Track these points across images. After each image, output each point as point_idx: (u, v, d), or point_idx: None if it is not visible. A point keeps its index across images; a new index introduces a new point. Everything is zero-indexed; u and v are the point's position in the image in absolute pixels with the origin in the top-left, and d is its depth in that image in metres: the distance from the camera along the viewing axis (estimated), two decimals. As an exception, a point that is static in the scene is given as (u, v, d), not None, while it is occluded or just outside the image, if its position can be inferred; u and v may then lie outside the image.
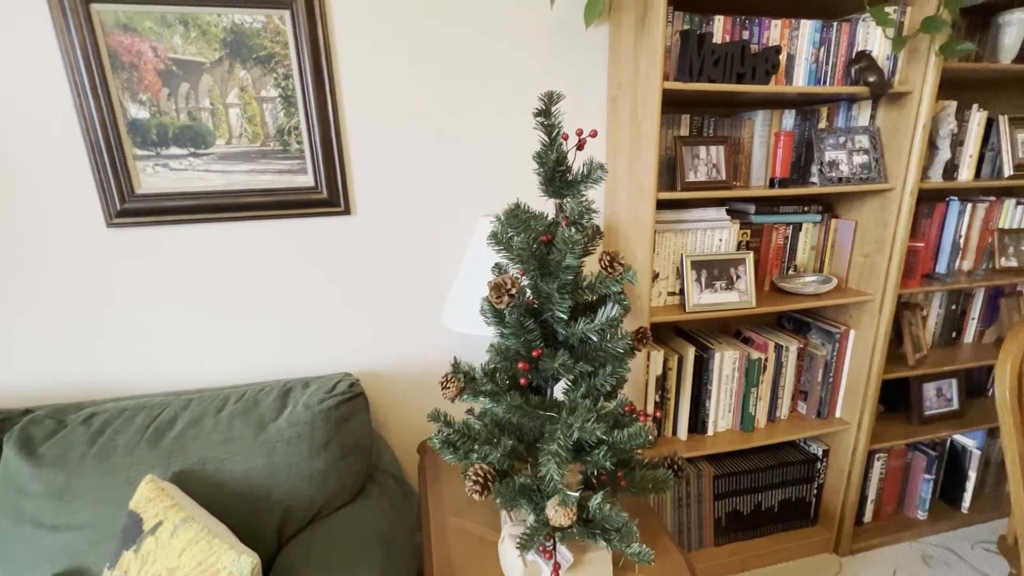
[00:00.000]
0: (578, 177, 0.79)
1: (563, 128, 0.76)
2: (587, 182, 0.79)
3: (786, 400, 1.68)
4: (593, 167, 0.77)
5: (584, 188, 0.79)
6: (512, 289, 0.74)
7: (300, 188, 1.35)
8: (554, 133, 0.78)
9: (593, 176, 0.78)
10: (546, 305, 0.80)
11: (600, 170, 0.77)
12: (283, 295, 1.42)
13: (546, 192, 0.81)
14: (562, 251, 0.77)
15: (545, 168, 0.78)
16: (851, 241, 1.58)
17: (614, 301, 0.80)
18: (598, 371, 0.86)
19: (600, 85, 1.47)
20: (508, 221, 0.79)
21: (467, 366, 0.87)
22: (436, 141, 1.41)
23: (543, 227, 0.80)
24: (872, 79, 1.30)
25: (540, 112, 0.76)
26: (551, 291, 0.77)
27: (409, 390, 1.58)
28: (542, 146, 0.78)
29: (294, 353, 1.46)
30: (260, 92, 1.28)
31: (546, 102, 0.76)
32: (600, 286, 0.81)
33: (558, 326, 0.83)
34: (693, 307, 1.40)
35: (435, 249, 1.48)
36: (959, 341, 1.88)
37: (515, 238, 0.79)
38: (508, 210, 0.79)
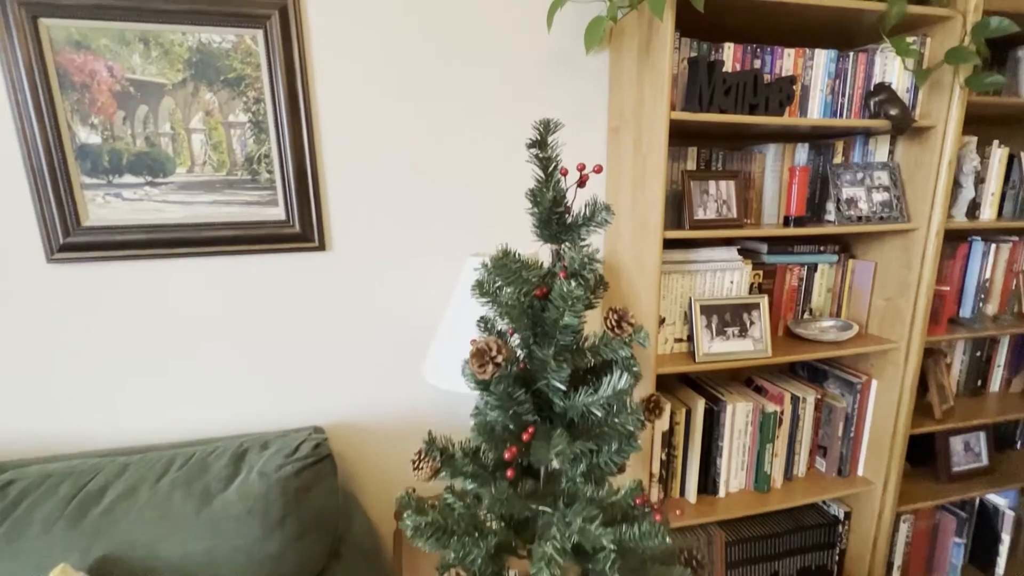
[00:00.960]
0: (579, 219, 0.67)
1: (561, 162, 0.63)
2: (589, 225, 0.66)
3: (803, 456, 1.53)
4: (597, 208, 0.65)
5: (586, 232, 0.67)
6: (498, 357, 0.60)
7: (270, 221, 1.23)
8: (551, 168, 0.65)
9: (597, 219, 0.65)
10: (540, 372, 0.66)
11: (605, 212, 0.64)
12: (248, 339, 1.27)
13: (541, 236, 0.68)
14: (560, 308, 0.63)
15: (540, 208, 0.66)
16: (871, 284, 1.46)
17: (622, 368, 0.66)
18: (602, 448, 0.72)
19: (600, 115, 1.37)
20: (496, 270, 0.66)
21: (444, 441, 0.72)
22: (422, 174, 1.29)
23: (537, 278, 0.67)
24: (894, 112, 1.20)
25: (535, 143, 0.64)
26: (546, 358, 0.63)
27: (388, 444, 1.42)
28: (537, 183, 0.66)
29: (259, 404, 1.31)
30: (228, 117, 1.16)
31: (541, 131, 0.64)
32: (605, 349, 0.67)
33: (554, 396, 0.69)
34: (704, 357, 1.26)
35: (419, 290, 1.35)
36: (985, 390, 1.75)
37: (504, 289, 0.66)
38: (496, 257, 0.66)
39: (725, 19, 1.20)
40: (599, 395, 0.65)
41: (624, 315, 0.65)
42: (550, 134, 0.64)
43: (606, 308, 0.67)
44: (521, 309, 0.63)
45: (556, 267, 0.66)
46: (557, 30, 1.30)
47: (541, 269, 0.67)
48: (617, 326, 0.65)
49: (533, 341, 0.68)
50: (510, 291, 0.62)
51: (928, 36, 1.26)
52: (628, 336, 0.66)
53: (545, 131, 0.64)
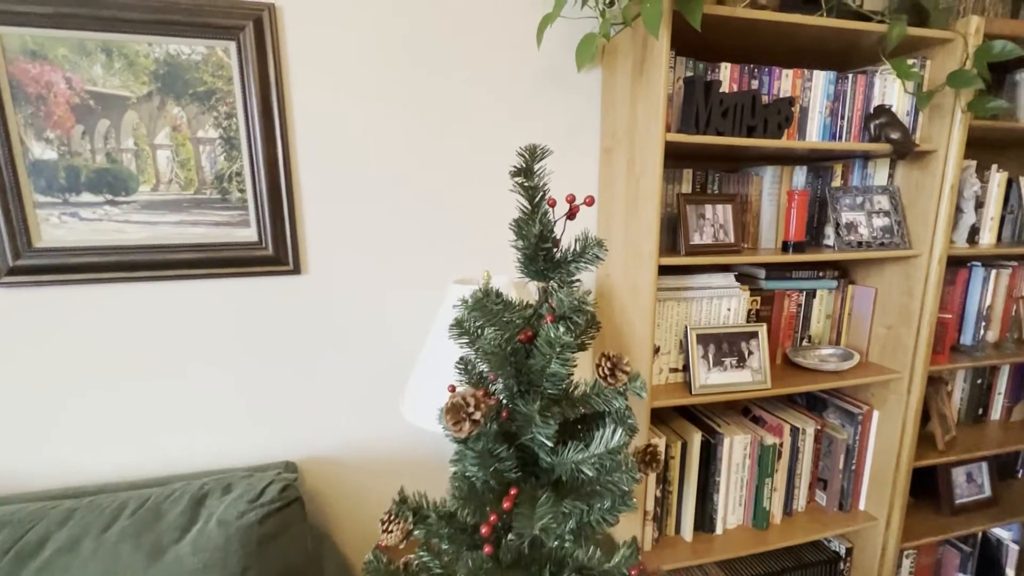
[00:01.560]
0: (568, 256, 0.60)
1: (549, 191, 0.57)
2: (579, 262, 0.60)
3: (803, 490, 1.46)
4: (588, 244, 0.58)
5: (576, 269, 0.60)
6: (476, 413, 0.53)
7: (241, 243, 1.15)
8: (537, 198, 0.59)
9: (588, 255, 0.59)
10: (525, 427, 0.59)
11: (597, 248, 0.58)
12: (217, 369, 1.18)
13: (526, 273, 0.61)
14: (546, 356, 0.56)
15: (525, 243, 0.59)
16: (871, 310, 1.41)
17: (616, 422, 0.59)
18: (593, 507, 0.65)
19: (592, 134, 1.32)
20: (475, 311, 0.59)
21: (417, 499, 0.65)
22: (405, 195, 1.23)
23: (522, 319, 0.60)
24: (895, 136, 1.16)
25: (520, 171, 0.58)
26: (531, 413, 0.56)
27: (367, 480, 1.33)
28: (522, 214, 0.59)
29: (228, 439, 1.22)
30: (196, 132, 1.09)
31: (527, 158, 0.57)
32: (597, 399, 0.60)
33: (541, 451, 0.61)
34: (700, 389, 1.20)
35: (400, 318, 1.27)
36: (986, 418, 1.70)
37: (484, 331, 0.59)
38: (475, 296, 0.59)
39: (720, 39, 1.15)
40: (590, 452, 0.58)
41: (618, 362, 0.59)
42: (537, 161, 0.57)
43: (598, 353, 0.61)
44: (503, 356, 0.56)
45: (543, 309, 0.59)
46: (548, 47, 1.25)
47: (526, 310, 0.60)
48: (611, 375, 0.58)
49: (517, 390, 0.60)
50: (491, 333, 0.55)
51: (928, 59, 1.23)
52: (623, 386, 0.59)
53: (531, 158, 0.57)
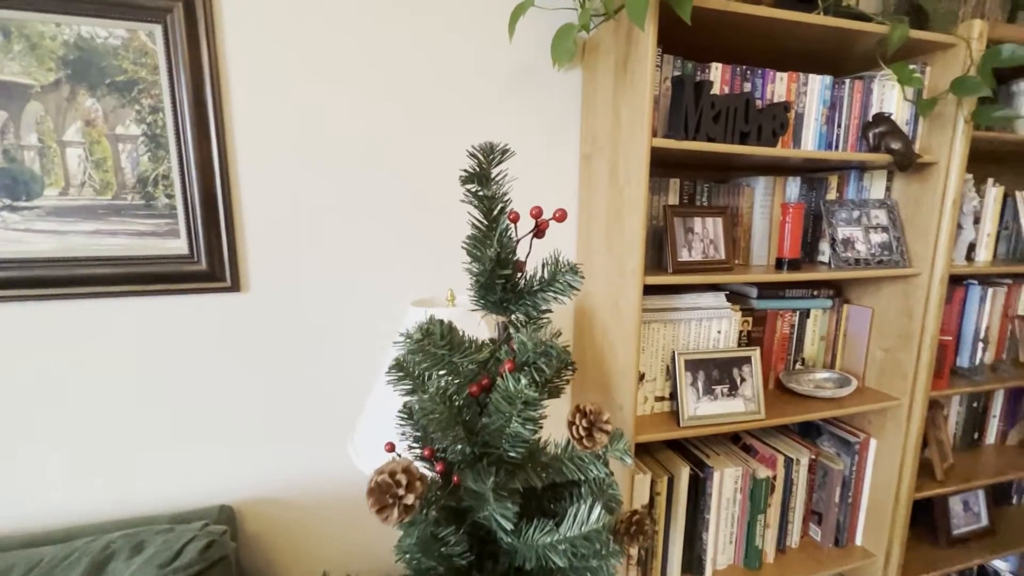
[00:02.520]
0: (534, 284, 0.48)
1: (511, 202, 0.44)
2: (549, 292, 0.47)
3: (797, 524, 1.36)
4: (560, 269, 0.46)
5: (544, 301, 0.48)
6: (408, 496, 0.40)
7: (169, 256, 1.00)
8: (495, 211, 0.46)
9: (559, 284, 0.46)
10: (479, 505, 0.46)
11: (571, 275, 0.46)
12: (140, 400, 1.02)
13: (482, 305, 0.49)
14: (505, 414, 0.44)
15: (480, 267, 0.46)
16: (867, 332, 1.32)
17: (594, 494, 0.46)
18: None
19: (570, 140, 1.21)
20: (415, 351, 0.46)
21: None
22: (361, 204, 1.09)
23: (475, 364, 0.47)
24: (896, 147, 1.08)
25: (472, 176, 0.45)
26: (483, 491, 0.43)
27: (316, 523, 1.18)
28: (475, 230, 0.47)
29: (153, 481, 1.06)
30: (115, 128, 0.94)
31: (481, 160, 0.45)
32: (570, 466, 0.48)
33: (499, 530, 0.48)
34: (689, 421, 1.09)
35: (354, 342, 1.13)
36: (981, 442, 1.63)
37: (429, 377, 0.46)
38: (415, 336, 0.46)
39: (710, 37, 1.06)
40: (560, 535, 0.45)
41: (597, 419, 0.46)
42: (494, 163, 0.45)
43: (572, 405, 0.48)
44: (449, 415, 0.43)
45: (501, 353, 0.46)
46: (522, 41, 1.13)
47: (481, 352, 0.47)
48: (587, 436, 0.45)
49: (470, 452, 0.47)
50: (434, 387, 0.42)
51: (928, 64, 1.15)
52: (602, 449, 0.46)
53: (487, 159, 0.45)
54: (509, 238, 0.46)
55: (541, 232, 0.48)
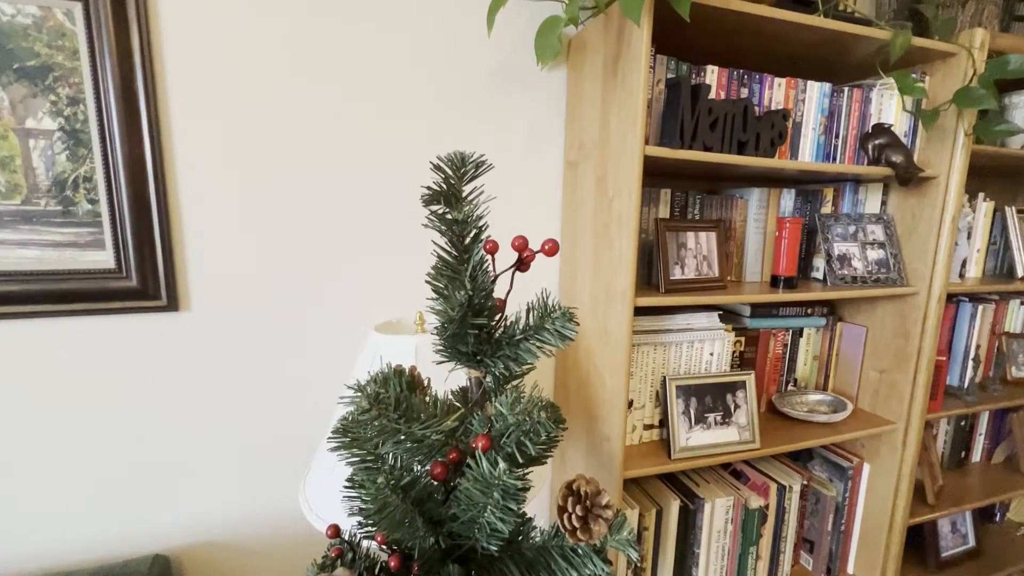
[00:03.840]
0: (515, 331, 0.38)
1: (487, 228, 0.34)
2: (535, 340, 0.37)
3: (788, 554, 1.29)
4: (548, 313, 0.36)
5: (528, 353, 0.38)
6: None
7: (92, 271, 0.86)
8: (468, 238, 0.36)
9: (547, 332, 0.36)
10: (440, 623, 0.35)
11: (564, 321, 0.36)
12: (57, 436, 0.88)
13: (450, 356, 0.38)
14: (479, 505, 0.33)
15: (448, 312, 0.36)
16: (861, 352, 1.26)
17: (591, 598, 0.36)
18: None
19: (554, 146, 1.11)
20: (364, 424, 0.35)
21: None
22: (321, 213, 0.98)
23: (441, 435, 0.37)
24: (898, 160, 1.02)
25: (438, 195, 0.35)
26: (448, 613, 0.33)
27: (265, 569, 1.05)
28: (443, 263, 0.36)
29: (74, 529, 0.91)
30: (24, 121, 0.81)
31: (451, 174, 0.34)
32: (560, 563, 0.38)
33: (470, 641, 0.38)
34: (680, 452, 1.00)
35: (310, 370, 1.01)
36: (967, 461, 1.60)
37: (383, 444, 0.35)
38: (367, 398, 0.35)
39: (705, 40, 0.98)
40: (549, 655, 0.35)
41: (594, 503, 0.36)
42: (467, 179, 0.35)
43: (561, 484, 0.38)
44: (405, 508, 0.33)
45: (473, 423, 0.36)
46: (503, 37, 1.03)
47: (448, 417, 0.37)
48: (581, 528, 0.36)
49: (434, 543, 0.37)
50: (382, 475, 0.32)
51: (927, 74, 1.10)
52: (602, 539, 0.36)
53: (457, 174, 0.34)
54: (485, 274, 0.36)
55: (525, 266, 0.38)
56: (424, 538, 0.35)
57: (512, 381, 0.38)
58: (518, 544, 0.39)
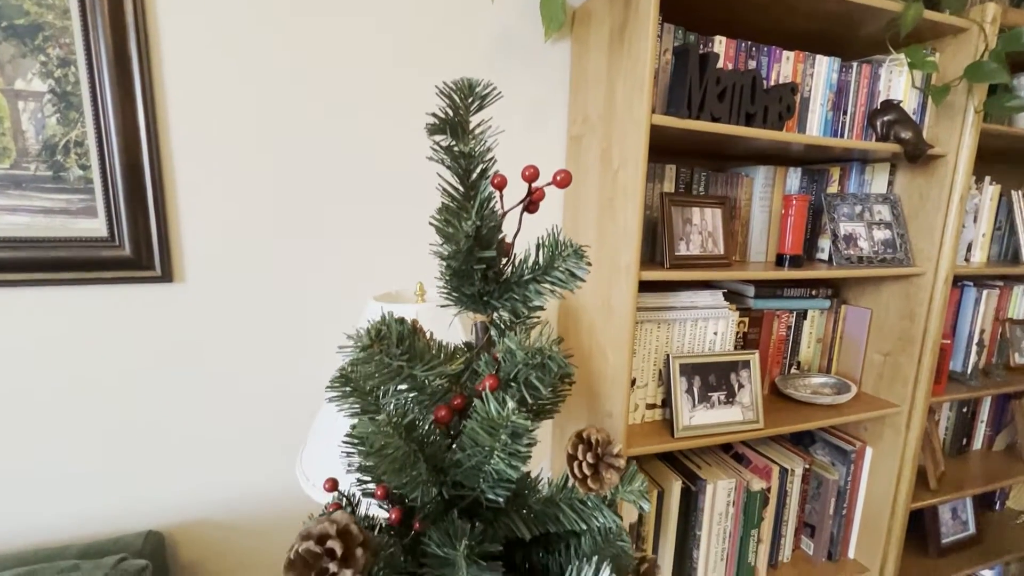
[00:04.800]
0: (523, 272, 0.36)
1: (494, 164, 0.32)
2: (546, 282, 0.36)
3: (789, 538, 1.28)
4: (560, 250, 0.34)
5: (537, 294, 0.36)
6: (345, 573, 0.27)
7: (84, 239, 0.84)
8: (475, 173, 0.34)
9: (558, 271, 0.35)
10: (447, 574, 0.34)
11: (575, 259, 0.34)
12: (48, 409, 0.86)
13: (455, 299, 0.36)
14: (485, 448, 0.32)
15: (452, 248, 0.34)
16: (866, 334, 1.25)
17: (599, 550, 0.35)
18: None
19: (558, 120, 1.09)
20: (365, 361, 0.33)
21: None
22: (322, 181, 0.95)
23: (445, 378, 0.35)
24: (906, 136, 1.00)
25: (443, 125, 0.33)
26: (456, 558, 0.31)
27: (262, 547, 1.04)
28: (449, 200, 0.35)
29: (65, 504, 0.89)
30: (13, 83, 0.78)
31: (457, 102, 0.33)
32: (569, 513, 0.36)
33: (474, 596, 0.36)
34: (684, 431, 0.99)
35: (308, 341, 0.99)
36: (969, 448, 1.59)
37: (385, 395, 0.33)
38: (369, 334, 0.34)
39: (711, 11, 0.96)
40: (557, 608, 0.33)
41: (605, 452, 0.35)
42: (474, 107, 0.33)
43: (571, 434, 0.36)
44: (407, 450, 0.31)
45: (480, 365, 0.34)
46: (505, 5, 1.01)
47: (452, 361, 0.35)
48: (592, 476, 0.34)
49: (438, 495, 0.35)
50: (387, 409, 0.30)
51: (936, 50, 1.08)
52: (612, 491, 0.35)
53: (464, 102, 0.33)
54: (492, 211, 0.34)
55: (535, 204, 0.36)
56: (427, 485, 0.33)
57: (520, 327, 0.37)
58: (524, 498, 0.37)
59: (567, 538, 0.39)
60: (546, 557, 0.40)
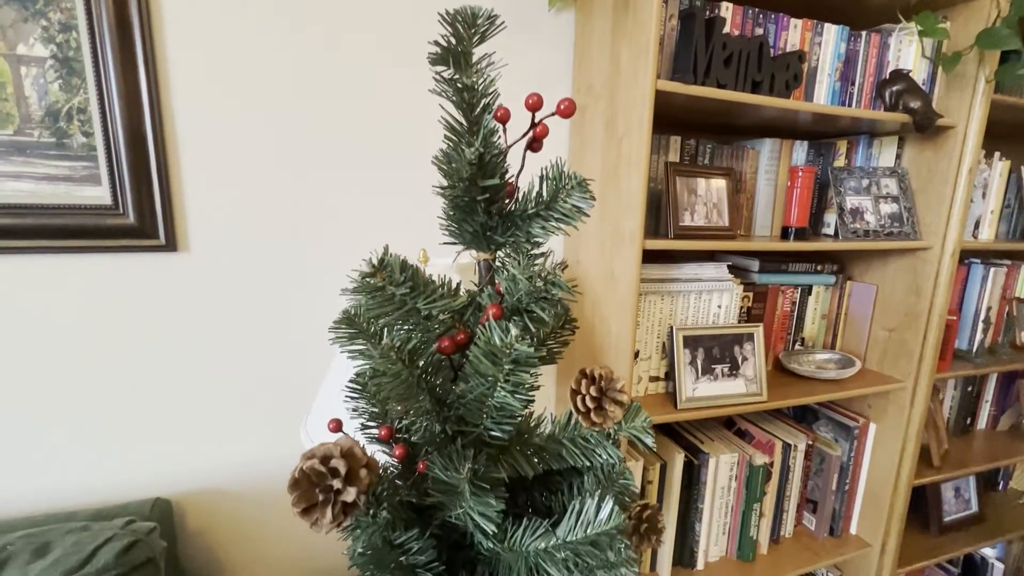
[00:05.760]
0: (527, 206, 0.36)
1: (497, 97, 0.32)
2: (550, 218, 0.35)
3: (791, 513, 1.28)
4: (564, 183, 0.34)
5: (541, 230, 0.36)
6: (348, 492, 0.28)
7: (87, 206, 0.84)
8: (477, 107, 0.34)
9: (560, 204, 0.34)
10: (450, 501, 0.34)
11: (579, 190, 0.34)
12: (54, 376, 0.87)
13: (457, 236, 0.36)
14: (488, 377, 0.32)
15: (453, 180, 0.34)
16: (871, 311, 1.24)
17: (602, 484, 0.35)
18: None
19: (561, 90, 1.08)
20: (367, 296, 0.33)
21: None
22: (324, 150, 0.95)
23: (448, 313, 0.35)
24: (915, 105, 0.99)
25: (445, 55, 0.32)
26: (458, 483, 0.31)
27: (267, 516, 1.05)
28: (451, 134, 0.34)
29: (72, 472, 0.91)
30: (15, 47, 0.78)
31: (459, 31, 0.32)
32: (571, 449, 0.36)
33: (476, 531, 0.37)
34: (686, 402, 0.99)
35: (314, 311, 1.00)
36: (973, 428, 1.59)
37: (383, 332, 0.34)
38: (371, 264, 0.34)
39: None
40: (559, 539, 0.33)
41: (609, 387, 0.35)
42: (476, 38, 0.32)
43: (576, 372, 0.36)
44: (409, 375, 0.31)
45: (483, 296, 0.34)
46: (510, -25, 1.00)
47: (454, 298, 0.35)
48: (595, 409, 0.34)
49: (440, 431, 0.35)
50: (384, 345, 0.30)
51: (947, 19, 1.06)
52: (615, 426, 0.35)
53: (467, 31, 0.32)
54: (495, 141, 0.34)
55: (538, 141, 0.36)
56: (430, 416, 0.33)
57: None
58: (527, 437, 0.37)
59: (570, 478, 0.39)
60: (549, 498, 0.40)
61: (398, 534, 0.33)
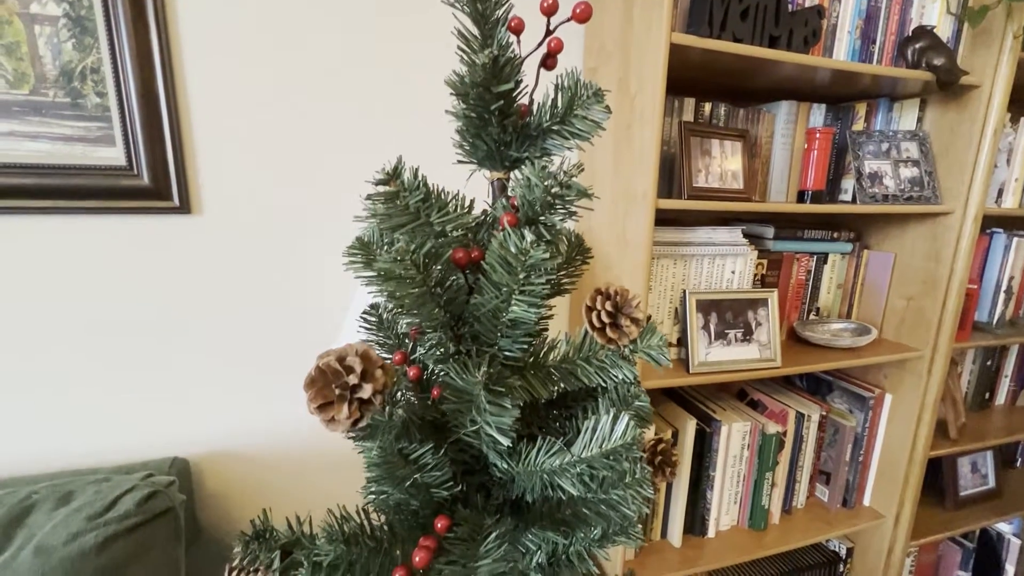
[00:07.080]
0: (542, 121, 0.35)
1: (512, 8, 0.31)
2: (563, 131, 0.35)
3: (804, 484, 1.28)
4: (580, 94, 0.33)
5: (555, 145, 0.35)
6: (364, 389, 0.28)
7: (102, 167, 0.85)
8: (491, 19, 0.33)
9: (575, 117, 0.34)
10: (464, 412, 0.34)
11: (595, 100, 0.33)
12: (73, 339, 0.89)
13: (470, 154, 0.36)
14: (502, 287, 0.31)
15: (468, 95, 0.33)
16: (888, 280, 1.22)
17: (617, 404, 0.35)
18: (576, 535, 0.41)
19: (572, 56, 1.07)
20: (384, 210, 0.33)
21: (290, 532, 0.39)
22: (342, 111, 0.95)
23: (461, 229, 0.35)
24: (939, 63, 0.96)
25: (460, -41, 0.32)
26: (473, 387, 0.31)
27: (283, 478, 1.06)
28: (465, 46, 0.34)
29: (93, 429, 0.93)
30: (29, 7, 0.78)
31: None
32: (586, 367, 0.36)
33: (491, 451, 0.37)
34: (699, 367, 0.98)
35: (329, 271, 1.00)
36: (992, 403, 1.56)
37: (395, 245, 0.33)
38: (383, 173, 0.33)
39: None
40: (574, 456, 0.33)
41: (624, 303, 0.34)
42: (491, -58, 0.32)
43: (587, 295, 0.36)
44: (423, 280, 0.31)
45: (497, 207, 0.34)
46: (520, -68, 0.98)
47: (468, 213, 0.35)
48: (611, 325, 0.34)
49: (453, 351, 0.35)
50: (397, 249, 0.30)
51: (974, -26, 1.03)
52: (629, 345, 0.34)
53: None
54: (510, 52, 0.33)
55: (553, 57, 0.35)
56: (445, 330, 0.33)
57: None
58: (540, 355, 0.37)
59: (583, 400, 0.39)
60: (564, 424, 0.40)
61: (414, 446, 0.33)
